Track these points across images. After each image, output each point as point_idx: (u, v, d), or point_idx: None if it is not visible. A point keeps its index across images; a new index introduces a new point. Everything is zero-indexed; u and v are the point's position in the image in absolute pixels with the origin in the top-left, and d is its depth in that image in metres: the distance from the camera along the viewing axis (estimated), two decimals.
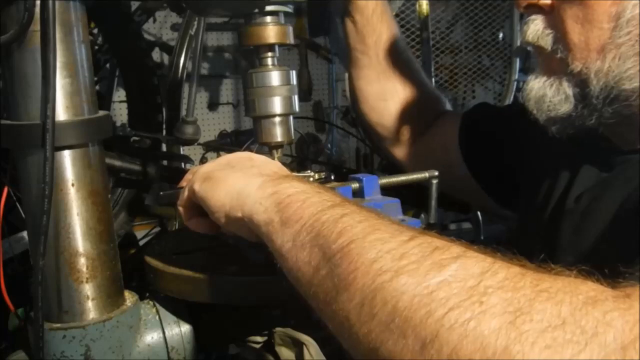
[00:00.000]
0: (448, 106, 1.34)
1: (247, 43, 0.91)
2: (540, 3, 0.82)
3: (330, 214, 0.62)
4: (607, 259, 0.73)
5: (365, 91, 1.27)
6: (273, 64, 0.92)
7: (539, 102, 0.84)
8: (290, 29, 0.92)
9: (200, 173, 0.77)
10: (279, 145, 0.93)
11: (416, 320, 0.49)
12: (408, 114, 1.27)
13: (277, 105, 0.91)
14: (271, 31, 0.89)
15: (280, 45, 0.92)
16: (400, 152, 1.29)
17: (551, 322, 0.45)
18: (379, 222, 0.60)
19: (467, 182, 1.20)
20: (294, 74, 0.93)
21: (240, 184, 0.72)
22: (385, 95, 1.26)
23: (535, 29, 0.83)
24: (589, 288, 0.48)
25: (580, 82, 0.80)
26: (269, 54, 0.91)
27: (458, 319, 0.47)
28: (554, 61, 0.82)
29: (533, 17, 0.83)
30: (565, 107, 0.82)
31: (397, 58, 1.24)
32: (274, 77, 0.90)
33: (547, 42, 0.82)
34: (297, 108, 0.93)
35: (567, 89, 0.81)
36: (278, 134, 0.92)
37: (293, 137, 0.96)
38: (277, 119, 0.92)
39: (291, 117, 0.94)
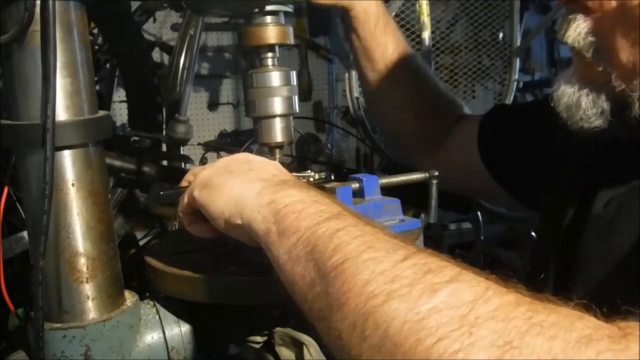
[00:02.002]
0: (466, 109, 1.33)
1: (247, 43, 0.91)
2: (588, 4, 0.72)
3: (326, 227, 0.62)
4: (637, 268, 0.71)
5: (382, 105, 1.27)
6: (273, 65, 0.92)
7: (570, 109, 0.78)
8: (291, 29, 0.92)
9: (199, 180, 0.77)
10: (279, 146, 0.94)
11: (406, 347, 0.49)
12: (426, 122, 1.26)
13: (277, 105, 0.91)
14: (271, 32, 0.90)
15: (281, 45, 0.92)
16: (423, 160, 1.28)
17: (541, 358, 0.44)
18: (374, 237, 0.59)
19: (489, 185, 1.19)
20: (294, 75, 0.94)
21: (238, 191, 0.72)
22: (401, 106, 1.26)
23: (577, 31, 0.74)
24: (585, 325, 0.47)
25: (620, 101, 0.74)
26: (269, 54, 0.91)
27: (447, 350, 0.47)
28: (594, 71, 0.75)
29: (575, 16, 0.74)
30: (599, 122, 0.76)
31: (407, 67, 1.23)
32: (274, 78, 0.91)
33: (588, 50, 0.74)
34: (297, 108, 0.93)
35: (604, 103, 0.75)
36: (278, 135, 0.92)
37: (293, 137, 0.96)
38: (278, 120, 0.92)
39: (291, 118, 0.94)
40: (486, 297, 0.50)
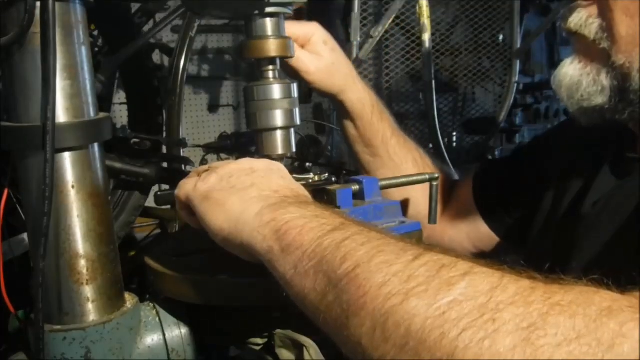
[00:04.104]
0: (456, 176, 1.37)
1: (248, 56, 0.91)
2: None
3: (331, 238, 0.62)
4: (618, 264, 0.73)
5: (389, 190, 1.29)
6: (274, 77, 0.92)
7: (571, 89, 0.81)
8: (291, 41, 0.92)
9: (201, 192, 0.77)
10: (280, 158, 0.93)
11: (430, 343, 0.49)
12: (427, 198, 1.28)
13: (278, 118, 0.91)
14: (272, 44, 0.90)
15: (281, 58, 0.92)
16: (431, 232, 1.29)
17: (566, 336, 0.45)
18: (381, 242, 0.60)
19: (494, 239, 1.21)
20: (295, 87, 0.94)
21: (238, 210, 0.72)
22: (406, 187, 1.27)
23: (579, 16, 0.80)
24: (602, 298, 0.47)
25: (621, 76, 0.78)
26: (270, 67, 0.91)
27: (473, 339, 0.47)
28: (595, 50, 0.79)
29: (577, 4, 0.80)
30: (600, 99, 0.80)
31: (405, 150, 1.25)
32: (275, 91, 0.91)
33: (590, 30, 0.79)
34: (298, 121, 0.93)
35: (605, 80, 0.79)
36: (279, 147, 0.93)
37: (294, 149, 0.96)
38: (279, 132, 0.92)
39: (292, 130, 0.94)
40: (503, 285, 0.50)
